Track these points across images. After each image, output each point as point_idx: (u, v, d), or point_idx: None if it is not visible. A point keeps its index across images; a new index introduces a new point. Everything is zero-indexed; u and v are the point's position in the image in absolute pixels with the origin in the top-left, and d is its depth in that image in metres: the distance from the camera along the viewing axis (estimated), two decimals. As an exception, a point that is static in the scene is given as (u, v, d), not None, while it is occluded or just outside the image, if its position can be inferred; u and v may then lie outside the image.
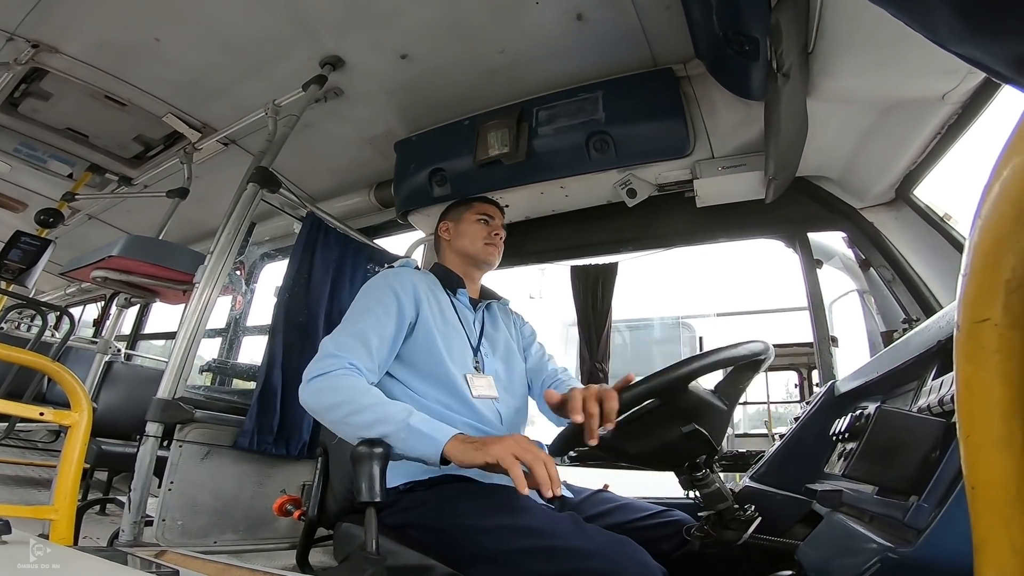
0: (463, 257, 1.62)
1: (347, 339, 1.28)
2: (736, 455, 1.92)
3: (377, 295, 1.37)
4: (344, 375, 1.19)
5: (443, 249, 1.67)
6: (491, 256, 1.61)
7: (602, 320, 2.44)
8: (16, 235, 3.36)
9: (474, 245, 1.60)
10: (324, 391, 1.18)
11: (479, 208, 1.66)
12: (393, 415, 1.09)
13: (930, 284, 1.71)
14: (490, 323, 1.59)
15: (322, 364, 1.21)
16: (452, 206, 1.73)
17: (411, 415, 1.08)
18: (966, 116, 1.42)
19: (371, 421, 1.09)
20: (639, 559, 0.99)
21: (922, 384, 0.84)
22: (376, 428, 1.08)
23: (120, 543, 1.57)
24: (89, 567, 1.02)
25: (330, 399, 1.16)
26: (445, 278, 1.56)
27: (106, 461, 3.01)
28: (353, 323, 1.32)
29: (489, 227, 1.62)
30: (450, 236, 1.65)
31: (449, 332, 1.43)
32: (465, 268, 1.62)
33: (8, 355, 1.61)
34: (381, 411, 1.10)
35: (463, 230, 1.63)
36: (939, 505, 0.58)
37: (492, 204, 1.70)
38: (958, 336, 0.35)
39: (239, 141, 2.93)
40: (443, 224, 1.68)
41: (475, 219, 1.63)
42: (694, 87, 2.00)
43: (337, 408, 1.14)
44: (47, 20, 2.23)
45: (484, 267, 1.64)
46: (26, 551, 0.93)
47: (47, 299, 5.25)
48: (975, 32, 0.40)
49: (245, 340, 3.97)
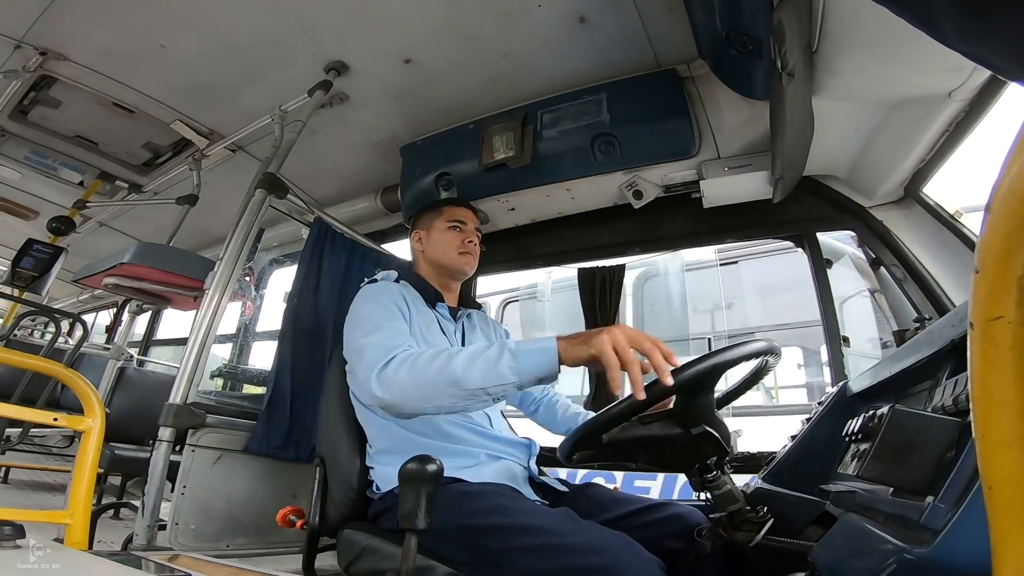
0: (437, 268, 1.57)
1: (381, 334, 1.24)
2: (747, 456, 1.90)
3: (379, 304, 1.36)
4: (415, 352, 1.14)
5: (417, 259, 1.62)
6: (466, 266, 1.56)
7: (610, 323, 2.43)
8: (28, 243, 3.40)
9: (447, 255, 1.55)
10: (407, 371, 1.10)
11: (449, 214, 1.59)
12: (490, 355, 1.04)
13: (942, 282, 1.69)
14: (470, 331, 1.59)
15: (382, 352, 1.16)
16: (422, 212, 1.65)
17: (507, 344, 1.05)
18: (974, 113, 1.40)
19: (477, 374, 1.04)
20: (636, 552, 1.00)
21: (936, 384, 0.84)
22: (487, 379, 1.04)
23: (134, 547, 1.58)
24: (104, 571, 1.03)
25: (422, 375, 1.09)
26: (424, 291, 1.52)
27: (119, 466, 3.05)
28: (377, 321, 1.28)
29: (462, 234, 1.57)
30: (423, 246, 1.59)
31: (434, 342, 1.42)
32: (440, 279, 1.58)
33: (22, 362, 1.63)
34: (481, 362, 1.04)
35: (434, 239, 1.57)
36: (955, 505, 0.57)
37: (463, 207, 1.63)
38: (972, 334, 0.35)
39: (246, 147, 2.96)
40: (415, 233, 1.63)
41: (446, 226, 1.57)
42: (698, 87, 1.99)
43: (434, 380, 1.07)
44: (54, 27, 2.26)
45: (460, 277, 1.60)
46: (42, 555, 0.94)
47: (60, 306, 5.32)
48: (979, 30, 0.40)
49: (255, 345, 4.01)
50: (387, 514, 1.24)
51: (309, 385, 2.02)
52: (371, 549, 1.21)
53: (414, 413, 1.15)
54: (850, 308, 2.24)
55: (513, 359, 1.02)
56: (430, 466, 0.89)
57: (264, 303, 3.86)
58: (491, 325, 1.71)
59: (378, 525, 1.28)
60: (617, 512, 1.28)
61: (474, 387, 1.04)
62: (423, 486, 0.89)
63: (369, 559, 1.20)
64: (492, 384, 1.04)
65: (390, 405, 1.12)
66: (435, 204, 1.66)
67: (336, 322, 2.16)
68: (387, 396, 1.11)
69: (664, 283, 4.31)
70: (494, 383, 1.04)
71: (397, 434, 1.33)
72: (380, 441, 1.35)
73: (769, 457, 1.55)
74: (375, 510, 1.30)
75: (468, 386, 1.04)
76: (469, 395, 1.05)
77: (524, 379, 1.03)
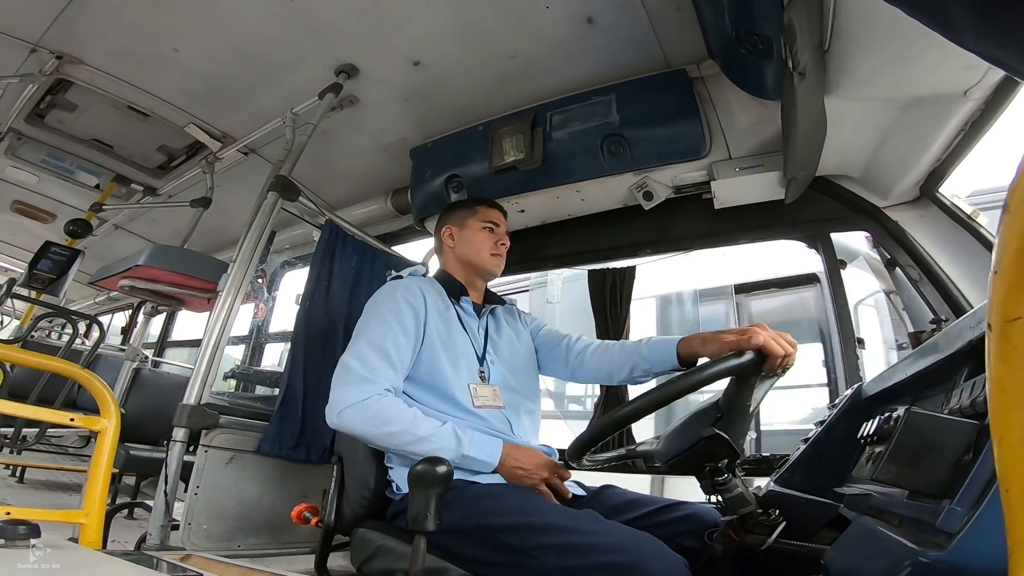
0: (467, 266, 1.58)
1: (372, 357, 1.30)
2: (760, 459, 1.88)
3: (391, 307, 1.38)
4: (386, 403, 1.26)
5: (446, 255, 1.63)
6: (496, 267, 1.58)
7: (620, 324, 2.42)
8: (46, 245, 3.46)
9: (479, 255, 1.56)
10: (371, 420, 1.25)
11: (484, 214, 1.60)
12: (447, 446, 1.23)
13: (959, 283, 1.67)
14: (495, 328, 1.57)
15: (357, 390, 1.26)
16: (454, 208, 1.68)
17: (463, 447, 1.23)
18: (989, 111, 1.38)
19: (428, 451, 1.19)
20: (661, 551, 1.00)
21: (953, 386, 0.82)
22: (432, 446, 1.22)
23: (147, 547, 1.60)
24: (117, 571, 1.04)
25: (382, 429, 1.24)
26: (449, 286, 1.53)
27: (134, 466, 3.09)
28: (373, 338, 1.33)
29: (495, 236, 1.59)
30: (454, 243, 1.61)
31: (454, 343, 1.42)
32: (468, 276, 1.59)
33: (40, 362, 1.65)
34: (436, 442, 1.23)
35: (468, 237, 1.58)
36: (973, 508, 0.56)
37: (498, 209, 1.64)
38: (990, 336, 0.34)
39: (258, 150, 2.99)
40: (445, 228, 1.64)
41: (480, 226, 1.58)
42: (708, 88, 1.98)
43: (391, 437, 1.24)
44: (69, 32, 2.30)
45: (488, 277, 1.61)
46: (57, 554, 0.96)
47: (77, 308, 5.40)
48: (992, 29, 0.40)
49: (267, 346, 4.04)
50: (403, 515, 1.24)
51: (321, 386, 2.03)
52: (385, 549, 1.21)
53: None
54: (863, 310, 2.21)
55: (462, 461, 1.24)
56: (440, 468, 0.90)
57: (276, 305, 3.90)
58: (517, 318, 1.68)
59: (394, 525, 1.28)
60: (634, 513, 1.27)
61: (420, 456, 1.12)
62: (433, 488, 0.89)
63: (383, 559, 1.20)
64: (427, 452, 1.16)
65: (346, 432, 1.30)
66: (469, 202, 1.67)
67: (348, 324, 2.17)
68: (346, 429, 1.27)
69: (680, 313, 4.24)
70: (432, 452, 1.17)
71: None
72: None
73: (782, 460, 1.53)
74: (393, 511, 1.31)
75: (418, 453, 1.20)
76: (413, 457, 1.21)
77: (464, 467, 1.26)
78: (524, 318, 1.71)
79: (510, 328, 1.61)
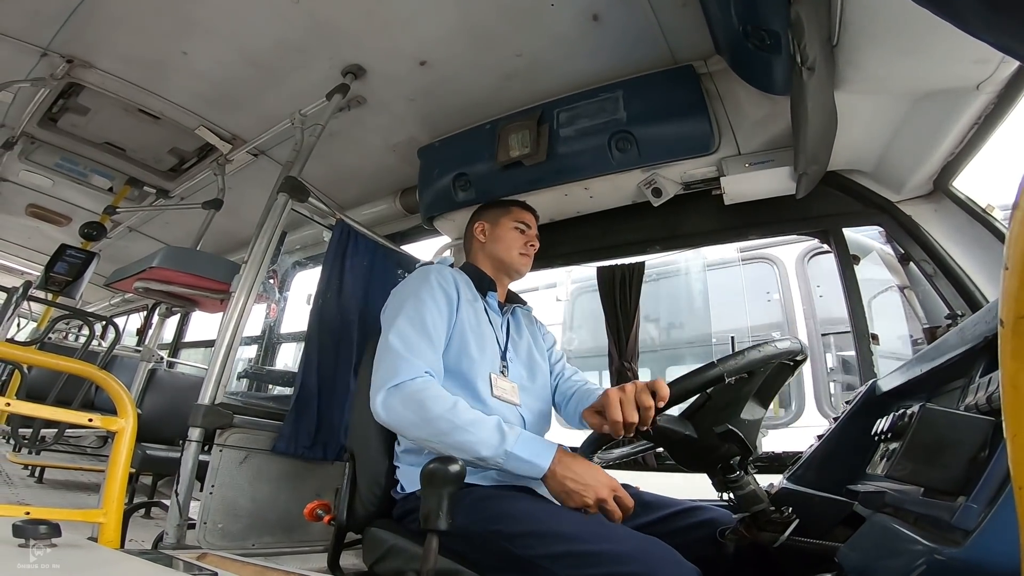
0: (495, 262, 1.61)
1: (413, 335, 1.27)
2: (772, 456, 1.87)
3: (427, 288, 1.37)
4: (425, 385, 1.19)
5: (475, 250, 1.65)
6: (524, 267, 1.61)
7: (630, 320, 2.41)
8: (61, 248, 3.51)
9: (509, 253, 1.59)
10: (409, 404, 1.17)
11: (517, 215, 1.64)
12: (490, 439, 1.11)
13: (974, 278, 1.65)
14: (515, 328, 1.59)
15: (397, 369, 1.21)
16: (488, 206, 1.71)
17: (507, 442, 1.10)
18: (1003, 104, 1.36)
19: (469, 442, 1.11)
20: (675, 560, 0.98)
21: (969, 382, 0.81)
22: (473, 450, 1.10)
23: (164, 546, 1.62)
24: (136, 569, 1.06)
25: (418, 414, 1.15)
26: (478, 280, 1.55)
27: (151, 465, 3.13)
28: (411, 315, 1.31)
29: (525, 236, 1.62)
30: (485, 238, 1.63)
31: (482, 332, 1.43)
32: (495, 272, 1.61)
33: (58, 364, 1.68)
34: (478, 434, 1.11)
35: (499, 235, 1.61)
36: (989, 506, 0.56)
37: (530, 212, 1.68)
38: (1002, 332, 0.34)
39: (268, 152, 3.01)
40: (478, 224, 1.66)
41: (512, 226, 1.61)
42: (716, 83, 1.97)
43: (427, 424, 1.14)
44: (79, 36, 2.32)
45: (515, 276, 1.63)
46: (78, 554, 0.97)
47: (93, 309, 5.48)
48: (1005, 19, 0.39)
49: (280, 346, 4.07)
50: (413, 515, 1.24)
51: (336, 384, 2.05)
52: (397, 549, 1.21)
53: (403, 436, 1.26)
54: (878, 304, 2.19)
55: (506, 458, 1.11)
56: (452, 467, 0.89)
57: (288, 305, 3.93)
58: (536, 324, 1.69)
59: (404, 525, 1.28)
60: (648, 517, 1.25)
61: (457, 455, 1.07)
62: (445, 487, 0.89)
63: (395, 559, 1.21)
64: (474, 457, 1.11)
65: (386, 424, 1.21)
66: (504, 202, 1.70)
67: (361, 322, 2.19)
68: (386, 418, 1.19)
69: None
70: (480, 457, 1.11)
71: None
72: (408, 441, 1.34)
73: (795, 457, 1.52)
74: (400, 510, 1.31)
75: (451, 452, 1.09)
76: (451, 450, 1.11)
77: (507, 469, 1.11)
78: (541, 328, 1.72)
79: (528, 332, 1.62)
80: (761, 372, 1.07)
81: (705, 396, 1.08)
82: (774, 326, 4.00)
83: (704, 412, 1.09)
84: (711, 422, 1.08)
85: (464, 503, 1.14)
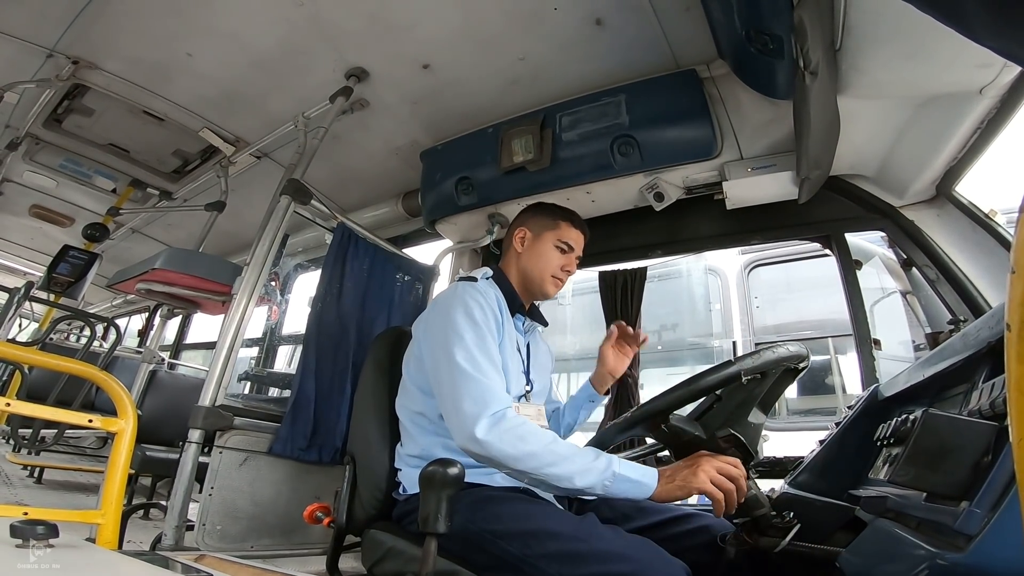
0: (525, 278, 1.50)
1: (489, 368, 1.20)
2: (774, 461, 1.86)
3: (479, 312, 1.29)
4: (521, 420, 1.14)
5: (510, 257, 1.53)
6: (552, 293, 1.51)
7: (631, 325, 2.41)
8: (64, 249, 3.52)
9: (543, 274, 1.48)
10: (506, 438, 1.10)
11: (564, 233, 1.50)
12: (594, 466, 1.07)
13: (977, 283, 1.64)
14: (533, 347, 1.53)
15: (486, 400, 1.14)
16: (538, 211, 1.57)
17: (612, 464, 1.07)
18: (1006, 109, 1.36)
19: (571, 473, 1.07)
20: (664, 559, 1.00)
21: (972, 387, 0.81)
22: (578, 480, 1.06)
23: (162, 547, 1.62)
24: (133, 571, 1.05)
25: (518, 448, 1.09)
26: (510, 299, 1.45)
27: (150, 467, 3.12)
28: (479, 343, 1.24)
29: (565, 259, 1.49)
30: (523, 248, 1.51)
31: (513, 357, 1.38)
32: (523, 289, 1.50)
33: (59, 365, 1.68)
34: (580, 462, 1.07)
35: (539, 250, 1.49)
36: (992, 510, 0.56)
37: (579, 230, 1.53)
38: (1009, 336, 0.34)
39: (271, 154, 3.02)
40: (520, 230, 1.53)
41: (554, 243, 1.49)
42: (719, 88, 1.97)
43: (531, 458, 1.08)
44: (84, 37, 2.33)
45: (540, 298, 1.54)
46: (75, 554, 0.97)
47: (95, 310, 5.48)
48: (1009, 25, 0.39)
49: (280, 349, 4.07)
50: (411, 516, 1.24)
51: (333, 388, 2.05)
52: (396, 551, 1.21)
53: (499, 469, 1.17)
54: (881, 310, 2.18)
55: (613, 480, 1.06)
56: (451, 469, 0.89)
57: (289, 307, 3.93)
58: (545, 345, 1.64)
59: (403, 527, 1.28)
60: (642, 522, 1.26)
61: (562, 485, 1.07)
62: (444, 489, 0.89)
63: (394, 561, 1.21)
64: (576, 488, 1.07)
65: (482, 459, 1.13)
66: (556, 211, 1.55)
67: (359, 326, 2.19)
68: (483, 452, 1.11)
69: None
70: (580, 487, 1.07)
71: (432, 440, 1.30)
72: (413, 446, 1.33)
73: (796, 462, 1.51)
74: (400, 512, 1.31)
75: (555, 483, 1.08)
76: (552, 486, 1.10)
77: (610, 494, 1.07)
78: (549, 351, 1.67)
79: (541, 354, 1.57)
80: (772, 374, 1.07)
81: (715, 397, 1.09)
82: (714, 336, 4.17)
83: (713, 414, 1.09)
84: (719, 424, 1.08)
85: (462, 505, 1.14)
